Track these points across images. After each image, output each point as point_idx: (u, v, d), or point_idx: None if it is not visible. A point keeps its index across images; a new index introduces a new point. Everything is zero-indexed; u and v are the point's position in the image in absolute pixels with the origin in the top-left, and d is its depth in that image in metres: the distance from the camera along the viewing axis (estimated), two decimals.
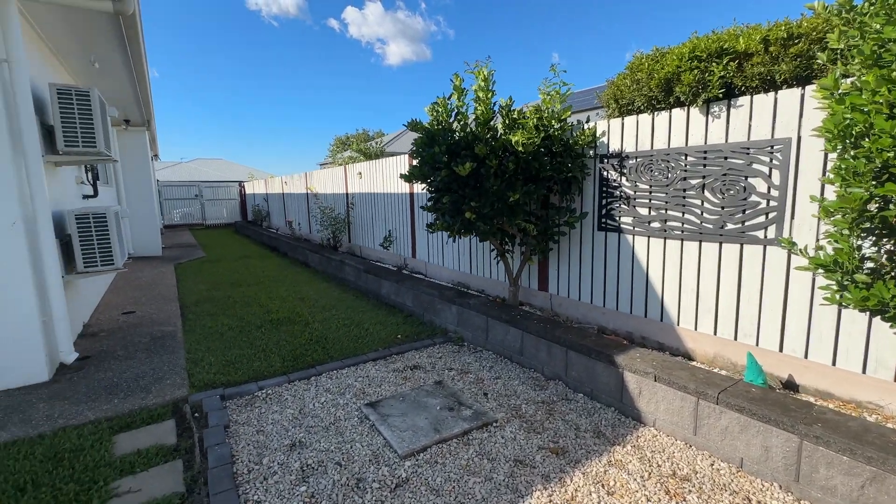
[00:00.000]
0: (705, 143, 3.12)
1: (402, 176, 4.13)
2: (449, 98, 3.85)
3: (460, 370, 3.63)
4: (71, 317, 4.30)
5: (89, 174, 5.81)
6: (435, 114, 3.92)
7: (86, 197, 5.72)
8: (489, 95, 3.80)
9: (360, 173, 8.29)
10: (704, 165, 3.12)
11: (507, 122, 3.97)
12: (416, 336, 4.47)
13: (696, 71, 2.98)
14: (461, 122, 3.93)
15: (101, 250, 4.13)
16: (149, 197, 10.13)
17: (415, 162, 4.24)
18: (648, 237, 3.54)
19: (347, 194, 9.00)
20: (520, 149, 3.46)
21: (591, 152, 3.90)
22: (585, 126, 3.89)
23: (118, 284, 7.10)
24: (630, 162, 3.59)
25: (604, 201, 3.85)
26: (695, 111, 3.15)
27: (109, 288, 6.85)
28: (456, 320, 4.46)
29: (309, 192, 11.04)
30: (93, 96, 3.95)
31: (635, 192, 3.58)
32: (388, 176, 7.28)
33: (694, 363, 3.21)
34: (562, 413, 2.93)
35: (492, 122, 3.87)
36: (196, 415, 2.97)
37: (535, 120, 3.68)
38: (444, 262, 6.14)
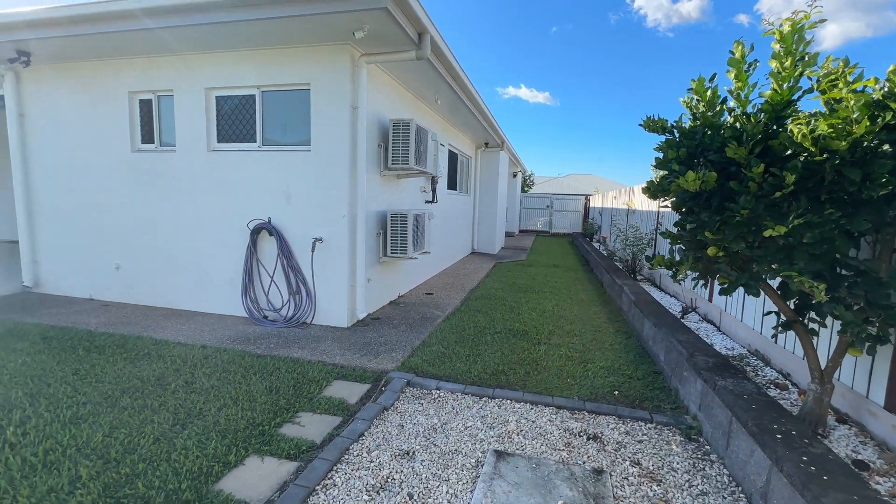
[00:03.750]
0: None
1: (643, 190, 3.19)
2: (710, 80, 2.63)
3: (648, 473, 2.49)
4: (386, 288, 5.92)
5: (433, 185, 7.72)
6: (691, 105, 2.78)
7: (427, 202, 7.64)
8: (791, 64, 2.33)
9: None
10: None
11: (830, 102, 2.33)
12: (638, 401, 3.39)
13: None
14: (737, 113, 2.61)
15: (400, 242, 5.45)
16: (493, 205, 12.31)
17: (662, 172, 3.19)
18: None
19: (658, 212, 7.76)
20: (807, 145, 1.94)
21: None
22: None
23: (447, 270, 9.09)
24: None
25: None
26: None
27: (443, 271, 8.88)
28: (699, 401, 3.06)
29: (627, 207, 10.27)
30: (411, 126, 5.23)
31: None
32: None
33: None
34: None
35: (792, 109, 2.37)
36: (383, 389, 3.48)
37: (873, 94, 1.96)
38: (744, 317, 4.29)
